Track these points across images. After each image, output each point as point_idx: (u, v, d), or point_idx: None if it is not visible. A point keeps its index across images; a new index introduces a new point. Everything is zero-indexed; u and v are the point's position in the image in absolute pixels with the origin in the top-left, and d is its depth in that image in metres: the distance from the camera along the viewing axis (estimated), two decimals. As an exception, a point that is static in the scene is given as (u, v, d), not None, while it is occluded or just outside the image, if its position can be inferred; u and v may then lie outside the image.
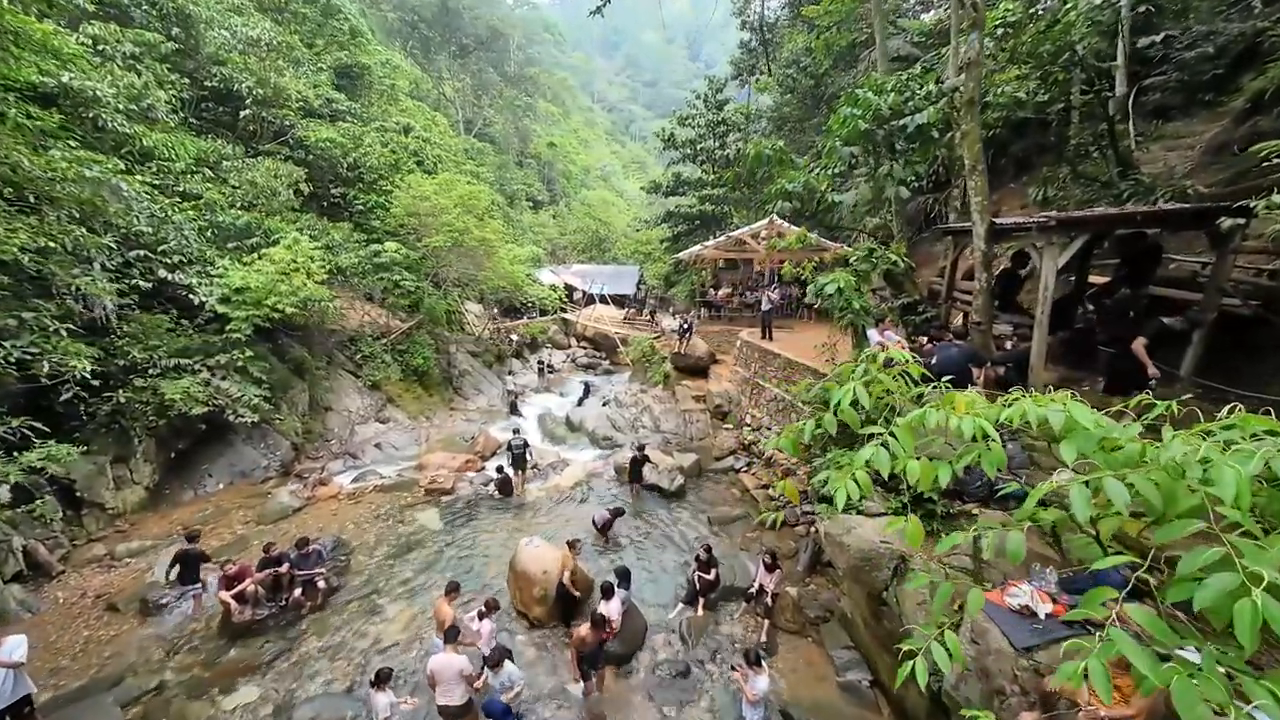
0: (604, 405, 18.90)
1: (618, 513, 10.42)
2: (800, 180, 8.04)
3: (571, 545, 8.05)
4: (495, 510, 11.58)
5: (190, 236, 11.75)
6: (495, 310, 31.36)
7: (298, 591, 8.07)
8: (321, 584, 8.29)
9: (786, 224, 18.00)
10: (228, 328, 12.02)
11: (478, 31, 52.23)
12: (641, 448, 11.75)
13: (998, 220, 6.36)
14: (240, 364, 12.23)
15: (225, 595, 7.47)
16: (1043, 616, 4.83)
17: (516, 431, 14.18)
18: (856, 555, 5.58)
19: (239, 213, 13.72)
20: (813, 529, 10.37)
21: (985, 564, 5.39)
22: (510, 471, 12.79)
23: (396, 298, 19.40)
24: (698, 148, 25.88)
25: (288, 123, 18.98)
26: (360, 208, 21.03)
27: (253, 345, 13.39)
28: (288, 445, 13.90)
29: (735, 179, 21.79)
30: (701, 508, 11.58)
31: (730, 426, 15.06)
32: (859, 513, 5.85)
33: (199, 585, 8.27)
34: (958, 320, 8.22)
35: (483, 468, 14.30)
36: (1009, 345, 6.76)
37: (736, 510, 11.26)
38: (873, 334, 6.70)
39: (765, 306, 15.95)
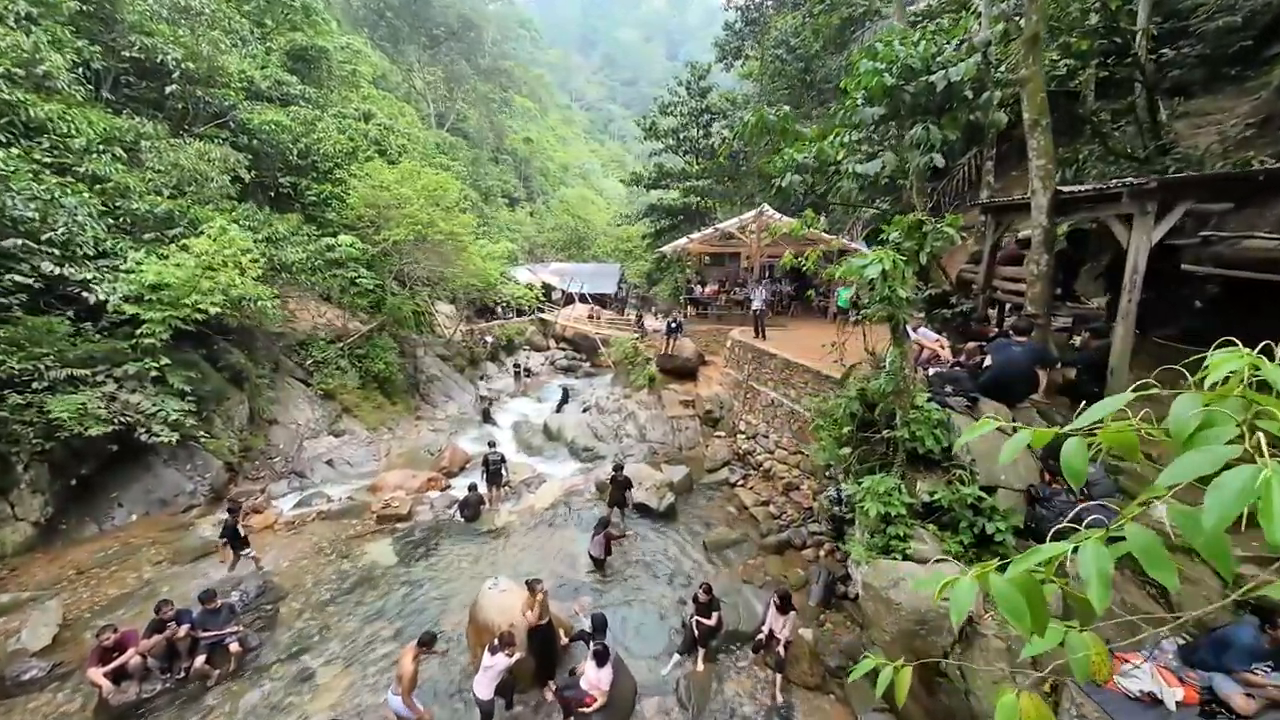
0: (584, 412, 17.47)
1: (604, 524, 9.06)
2: (811, 151, 6.76)
3: (532, 587, 6.61)
4: (459, 539, 10.05)
5: (87, 223, 9.95)
6: (469, 311, 29.63)
7: (201, 659, 6.46)
8: (235, 646, 6.69)
9: (778, 214, 16.84)
10: (138, 332, 10.24)
11: (448, 21, 50.20)
12: (620, 467, 10.32)
13: (1065, 189, 5.20)
14: (156, 374, 10.46)
15: (96, 674, 5.83)
16: (1173, 707, 3.60)
17: (492, 444, 12.67)
18: (910, 617, 4.27)
19: (158, 199, 11.89)
20: (822, 551, 9.15)
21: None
22: (484, 488, 11.33)
23: (353, 297, 17.64)
24: (680, 137, 24.61)
25: (227, 103, 17.07)
26: (313, 199, 19.17)
27: (175, 351, 11.63)
28: (220, 466, 12.11)
29: (728, 157, 20.56)
30: (695, 529, 10.25)
31: (723, 434, 13.79)
32: (906, 557, 4.56)
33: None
34: (988, 316, 7.07)
35: (448, 486, 12.74)
36: (1076, 342, 5.65)
37: (735, 531, 9.96)
38: (927, 333, 5.53)
39: (757, 304, 14.74)
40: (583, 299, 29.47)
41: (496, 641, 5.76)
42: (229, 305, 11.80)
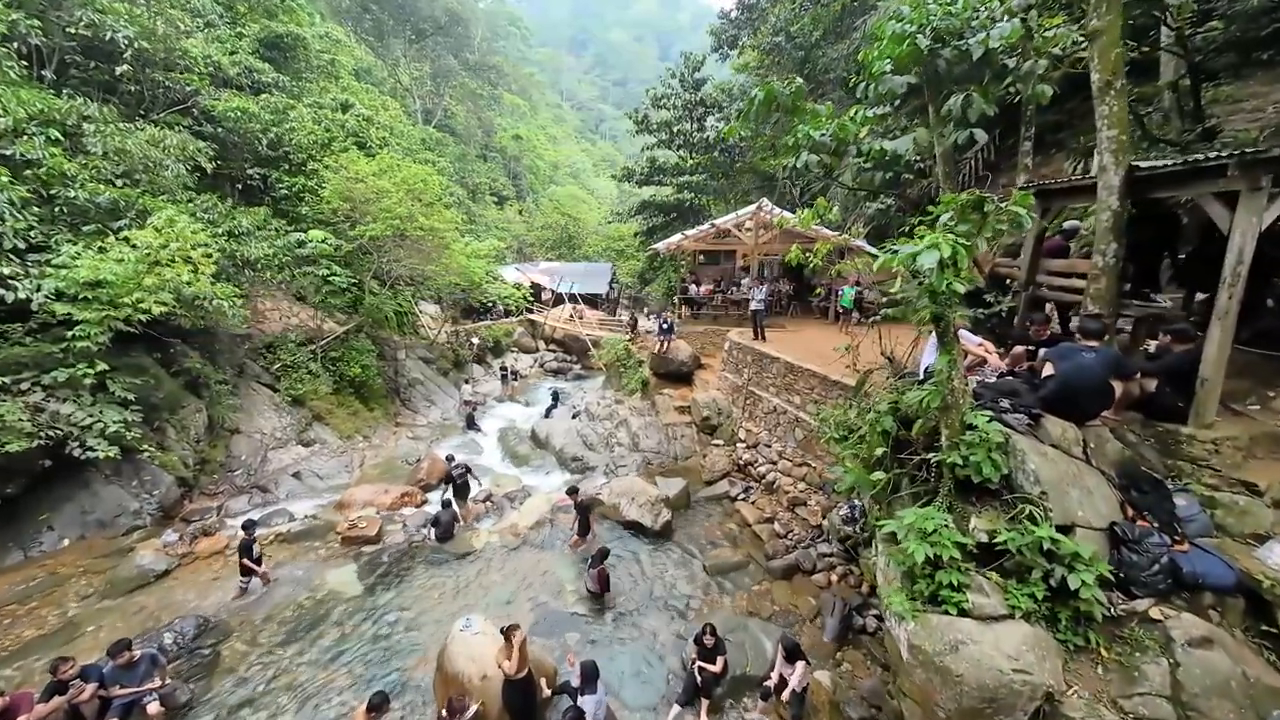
0: (574, 418, 16.52)
1: (604, 554, 8.11)
2: (829, 128, 5.89)
3: (508, 635, 5.67)
4: (433, 564, 9.05)
5: (5, 211, 8.84)
6: (455, 311, 28.52)
7: (113, 723, 5.44)
8: (154, 707, 5.67)
9: (777, 209, 16.02)
10: (70, 334, 9.13)
11: (435, 16, 48.96)
12: (575, 489, 9.41)
13: (1143, 165, 4.35)
14: (95, 381, 9.35)
15: (-28, 752, 4.80)
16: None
17: (450, 458, 11.68)
18: (974, 692, 3.39)
19: (101, 187, 10.76)
20: (835, 576, 8.30)
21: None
22: (455, 505, 10.37)
23: (326, 296, 16.56)
24: (674, 130, 23.71)
25: (190, 89, 15.91)
26: (284, 192, 18.03)
27: (124, 355, 10.55)
28: (171, 481, 11.00)
29: (723, 152, 19.59)
30: (693, 550, 9.35)
31: (721, 442, 12.91)
32: (962, 612, 3.68)
33: None
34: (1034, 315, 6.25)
35: (425, 501, 11.74)
36: (1150, 348, 4.85)
37: (737, 553, 9.07)
38: (967, 335, 4.71)
39: (756, 304, 13.88)
40: (572, 299, 28.48)
41: (445, 713, 4.86)
42: (180, 305, 10.72)
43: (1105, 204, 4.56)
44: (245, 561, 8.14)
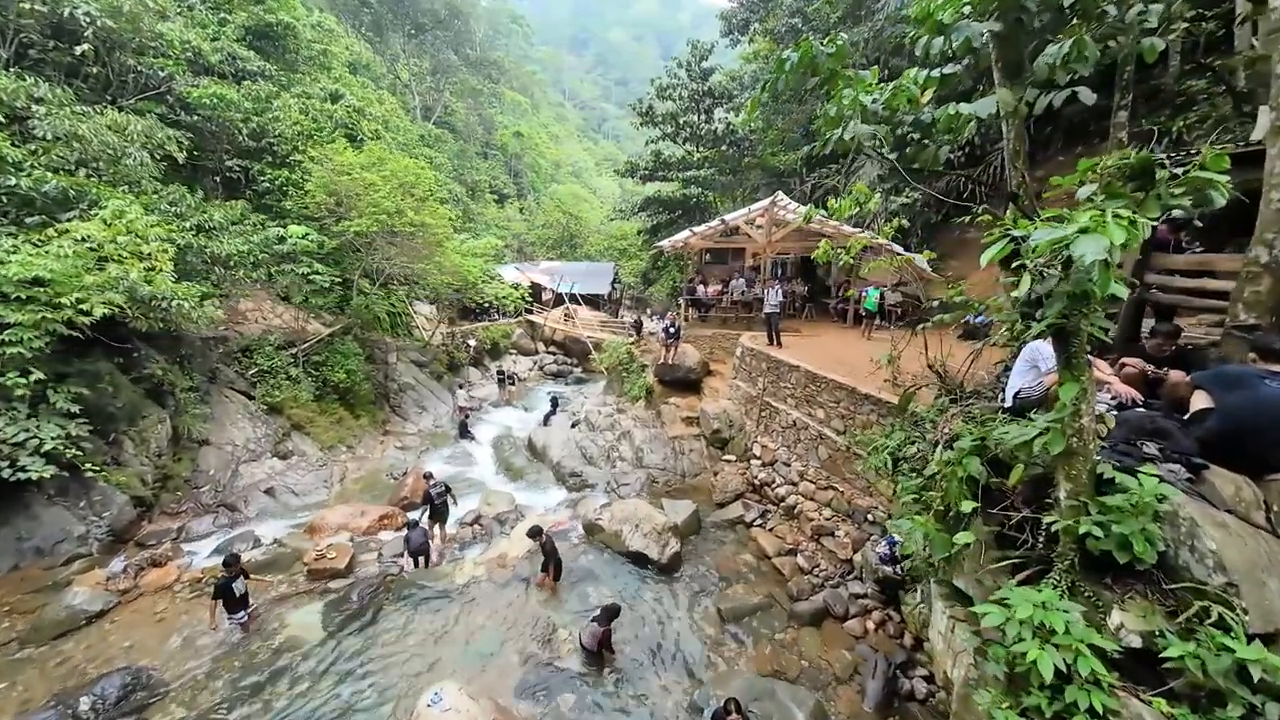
0: (573, 427, 15.40)
1: (613, 613, 6.78)
2: (883, 93, 4.77)
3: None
4: (408, 602, 7.92)
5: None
6: (452, 312, 27.44)
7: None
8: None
9: (793, 203, 14.89)
10: (1, 338, 8.06)
11: (434, 9, 47.92)
12: (538, 530, 8.08)
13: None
14: (24, 392, 8.27)
15: None
16: None
17: (429, 476, 10.53)
18: None
19: (48, 175, 9.69)
20: (871, 623, 7.17)
21: None
22: (427, 527, 9.29)
23: (307, 296, 15.50)
24: (680, 122, 22.55)
25: (164, 73, 14.88)
26: (266, 185, 16.98)
27: (68, 362, 9.49)
28: (125, 501, 9.91)
29: (731, 145, 18.31)
30: (705, 587, 8.22)
31: (733, 458, 11.79)
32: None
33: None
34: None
35: (405, 524, 10.58)
36: None
37: (756, 593, 7.93)
38: (1099, 364, 3.61)
39: (770, 307, 12.73)
40: (573, 299, 27.40)
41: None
42: (135, 306, 9.66)
43: (1276, 179, 3.45)
44: (215, 604, 7.07)
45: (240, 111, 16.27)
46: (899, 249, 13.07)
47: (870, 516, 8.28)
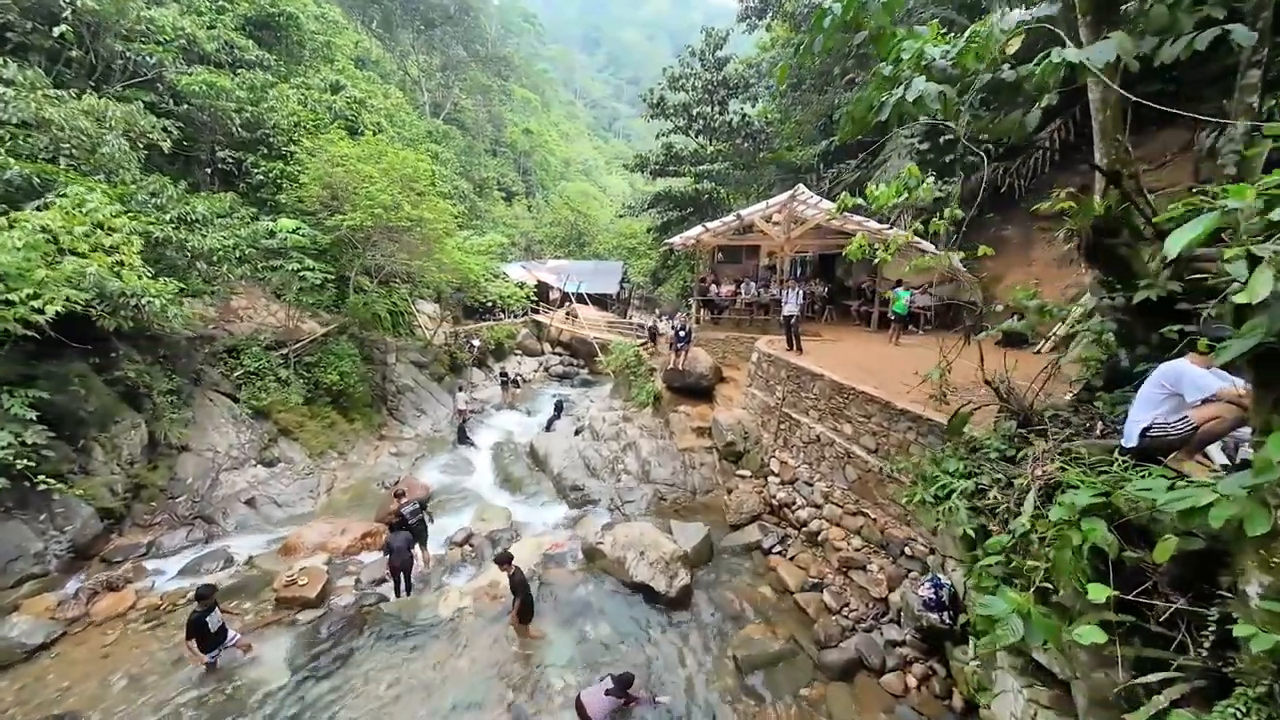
0: (577, 434, 14.52)
1: (627, 683, 5.65)
2: (954, 44, 3.80)
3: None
4: (385, 639, 7.06)
5: None
6: (456, 311, 26.70)
7: None
8: None
9: (815, 197, 13.86)
10: (-56, 339, 7.34)
11: (444, 3, 47.34)
12: (509, 558, 7.05)
13: None
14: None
15: None
16: None
17: (400, 495, 9.39)
18: None
19: (12, 161, 8.98)
20: (912, 678, 6.19)
21: None
22: (407, 551, 8.30)
23: (298, 294, 14.77)
24: (693, 114, 21.56)
25: (153, 60, 14.23)
26: (261, 177, 16.30)
27: (32, 363, 8.82)
28: (91, 514, 9.19)
29: (746, 138, 16.96)
30: (718, 627, 7.26)
31: (748, 473, 10.80)
32: None
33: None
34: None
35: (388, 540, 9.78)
36: None
37: (777, 637, 6.94)
38: (1220, 375, 2.68)
39: (789, 309, 11.71)
40: (580, 298, 26.53)
41: None
42: (102, 303, 8.92)
43: None
44: (192, 643, 6.25)
45: (234, 101, 15.61)
46: (930, 247, 12.02)
47: (908, 549, 7.26)
